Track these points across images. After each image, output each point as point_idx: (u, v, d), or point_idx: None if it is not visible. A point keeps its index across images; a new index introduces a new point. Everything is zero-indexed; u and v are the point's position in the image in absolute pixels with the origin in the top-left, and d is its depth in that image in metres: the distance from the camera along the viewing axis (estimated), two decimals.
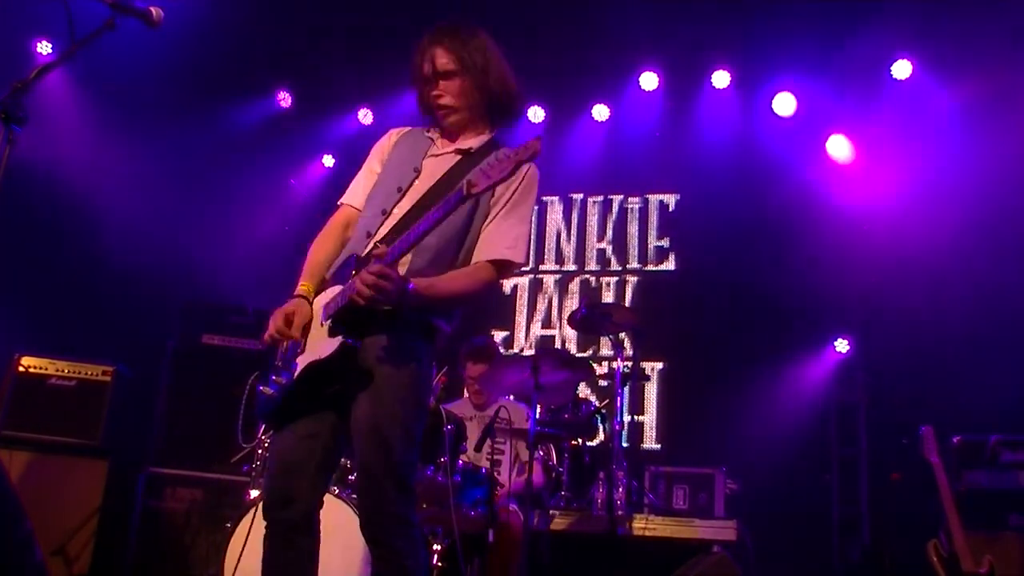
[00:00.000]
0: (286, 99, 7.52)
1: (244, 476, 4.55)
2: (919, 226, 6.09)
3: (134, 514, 5.23)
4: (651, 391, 6.80)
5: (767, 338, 6.40)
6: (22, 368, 5.16)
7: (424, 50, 2.75)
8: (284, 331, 2.64)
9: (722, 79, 6.91)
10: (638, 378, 6.33)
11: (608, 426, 5.23)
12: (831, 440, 6.30)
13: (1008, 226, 5.95)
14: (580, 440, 5.14)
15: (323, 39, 6.92)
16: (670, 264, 7.11)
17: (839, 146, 6.70)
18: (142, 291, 6.40)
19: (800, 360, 6.44)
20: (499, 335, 7.21)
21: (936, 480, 4.51)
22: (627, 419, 5.50)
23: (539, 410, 4.65)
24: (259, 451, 4.37)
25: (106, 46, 2.71)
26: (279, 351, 2.74)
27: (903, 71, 6.47)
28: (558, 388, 4.76)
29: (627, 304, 6.95)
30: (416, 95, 2.82)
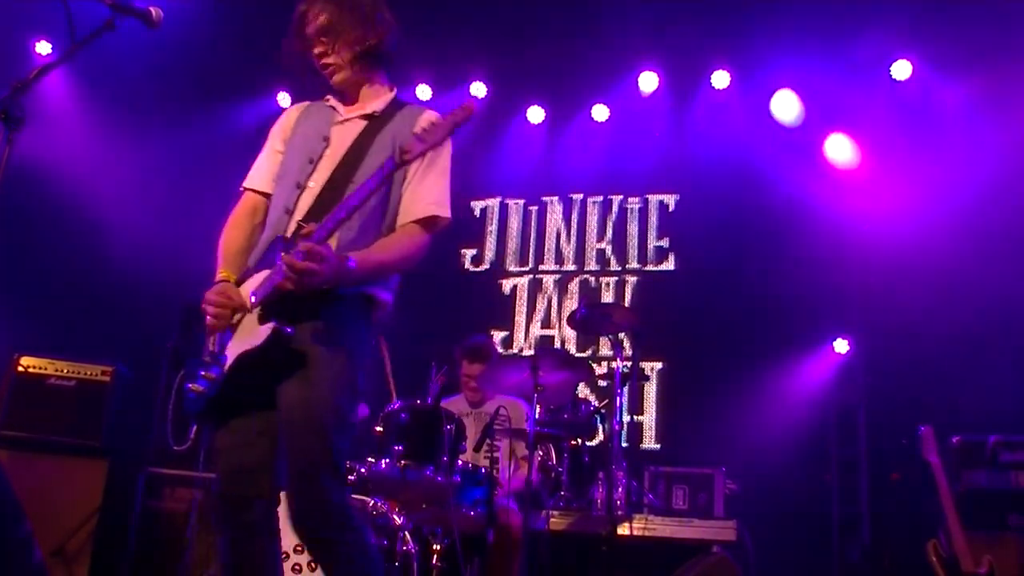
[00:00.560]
0: (285, 99, 7.51)
1: None
2: (918, 225, 6.09)
3: (134, 514, 5.23)
4: (650, 391, 6.80)
5: (767, 338, 6.40)
6: (21, 368, 5.16)
7: (303, 12, 2.71)
8: (224, 306, 2.52)
9: (722, 79, 6.91)
10: (637, 378, 6.33)
11: (607, 426, 5.23)
12: (831, 440, 6.30)
13: (1008, 226, 5.96)
14: (579, 440, 5.14)
15: None
16: (670, 264, 7.11)
17: (838, 147, 6.70)
18: (142, 291, 6.40)
19: (800, 360, 6.44)
20: (498, 335, 7.21)
21: (936, 480, 4.51)
22: (626, 419, 5.50)
23: (538, 410, 4.65)
24: None
25: (106, 46, 2.71)
26: (207, 345, 2.60)
27: (903, 71, 6.47)
28: (557, 388, 4.76)
29: (627, 304, 6.95)
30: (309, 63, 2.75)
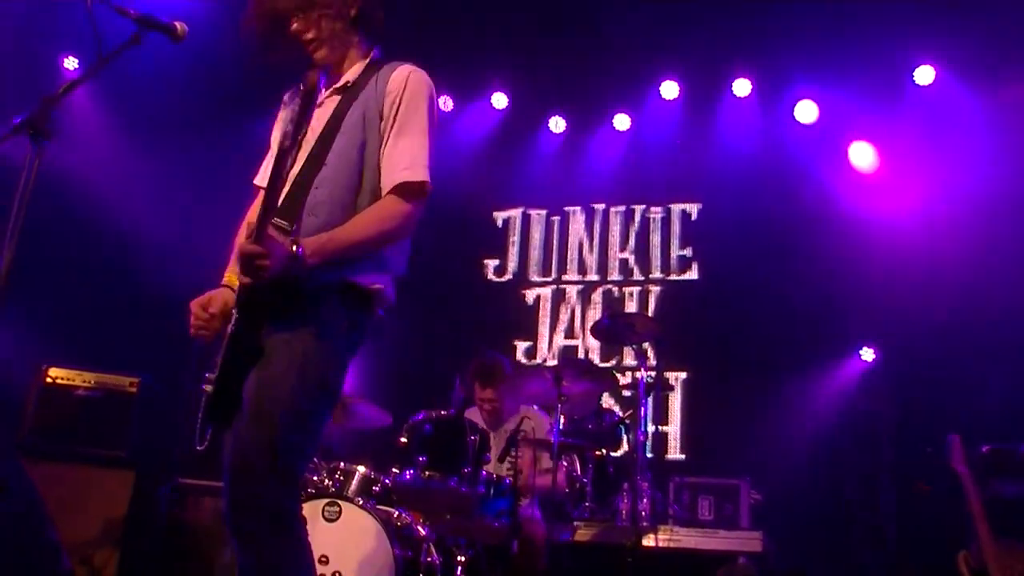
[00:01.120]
0: None
1: None
2: (945, 233, 6.03)
3: (159, 524, 5.25)
4: (675, 401, 6.76)
5: (791, 347, 6.35)
6: (49, 379, 5.21)
7: (268, 2, 2.57)
8: (201, 316, 2.46)
9: (743, 87, 6.89)
10: (662, 388, 6.30)
11: (632, 436, 5.21)
12: (857, 450, 6.24)
13: None
14: (604, 450, 5.12)
15: None
16: (693, 273, 7.08)
17: (862, 153, 6.66)
18: (167, 302, 6.43)
19: (825, 369, 6.39)
20: (522, 345, 7.21)
21: (964, 490, 4.45)
22: (651, 429, 5.49)
23: (562, 420, 4.64)
24: None
25: (132, 61, 2.74)
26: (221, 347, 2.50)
27: (926, 77, 6.43)
28: (581, 398, 4.75)
29: (650, 314, 6.92)
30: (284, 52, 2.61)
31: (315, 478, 4.29)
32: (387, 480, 4.31)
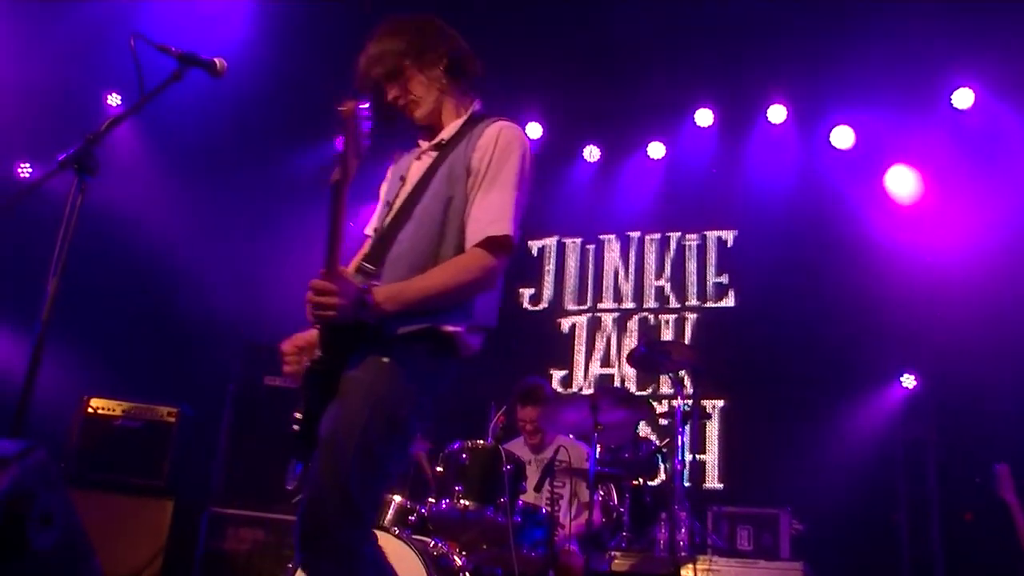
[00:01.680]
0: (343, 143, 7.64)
1: None
2: (984, 256, 5.94)
3: (198, 553, 5.28)
4: (713, 429, 6.70)
5: (830, 374, 6.27)
6: (90, 410, 5.29)
7: (362, 69, 2.62)
8: (291, 353, 2.51)
9: (778, 114, 6.87)
10: (699, 416, 6.24)
11: (669, 465, 5.15)
12: (900, 479, 6.12)
13: None
14: (641, 480, 5.07)
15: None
16: (729, 301, 7.04)
17: (898, 178, 6.59)
18: (205, 333, 6.53)
19: (865, 396, 6.30)
20: (558, 374, 7.18)
21: (1014, 520, 4.35)
22: (688, 458, 5.41)
23: (599, 449, 4.61)
24: None
25: (172, 95, 2.80)
26: None
27: (964, 100, 6.36)
28: (618, 427, 4.71)
29: (687, 341, 6.88)
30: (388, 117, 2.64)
31: None
32: (423, 509, 4.30)
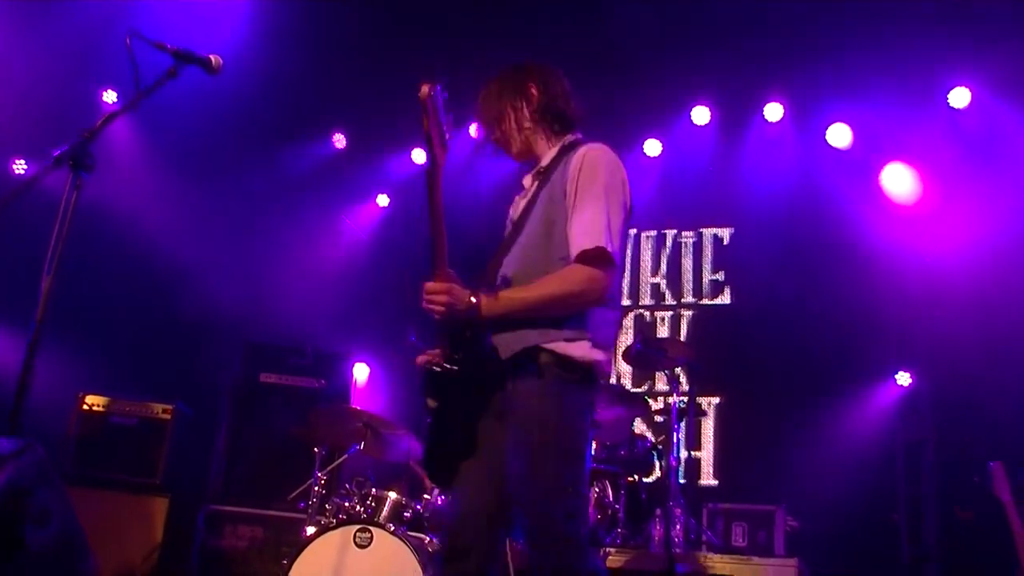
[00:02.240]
0: (341, 140, 7.65)
1: (301, 513, 4.58)
2: (980, 255, 5.95)
3: (194, 550, 5.29)
4: (708, 426, 6.71)
5: (826, 372, 6.28)
6: (86, 407, 5.29)
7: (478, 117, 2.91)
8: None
9: (775, 112, 6.88)
10: (695, 413, 6.25)
11: (664, 462, 5.17)
12: (896, 477, 6.14)
13: None
14: (636, 476, 5.09)
15: (377, 80, 7.05)
16: (725, 298, 7.05)
17: (895, 177, 6.60)
18: (202, 330, 6.53)
19: (861, 394, 6.31)
20: None
21: (1008, 519, 4.36)
22: (684, 455, 5.43)
23: (595, 446, 4.62)
24: (315, 488, 4.40)
25: (168, 92, 2.80)
26: None
27: (961, 99, 6.37)
28: (613, 424, 4.73)
29: (682, 338, 6.89)
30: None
31: (346, 504, 4.29)
32: (419, 506, 4.31)
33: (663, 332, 7.05)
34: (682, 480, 5.39)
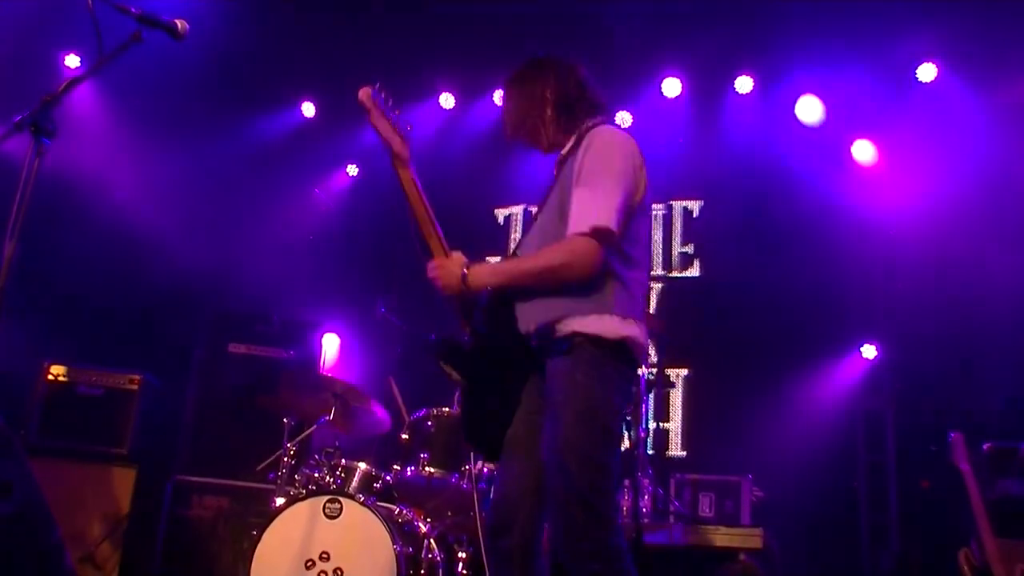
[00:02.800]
0: (310, 108, 7.57)
1: (270, 484, 4.58)
2: (946, 230, 6.03)
3: (162, 521, 5.27)
4: (676, 398, 6.76)
5: (793, 344, 6.35)
6: (51, 376, 5.22)
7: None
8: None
9: (745, 84, 6.88)
10: (663, 385, 6.30)
11: (633, 433, 5.21)
12: (859, 447, 6.24)
13: None
14: None
15: (346, 49, 6.97)
16: (694, 270, 7.08)
17: (864, 151, 6.65)
18: (169, 300, 6.47)
19: (827, 366, 6.39)
20: None
21: (967, 488, 4.45)
22: (652, 426, 5.48)
23: None
24: (284, 459, 4.39)
25: (133, 58, 2.74)
26: None
27: (928, 74, 6.42)
28: None
29: (651, 311, 6.92)
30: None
31: (316, 475, 4.29)
32: (388, 477, 4.32)
33: None
34: (650, 451, 5.45)
